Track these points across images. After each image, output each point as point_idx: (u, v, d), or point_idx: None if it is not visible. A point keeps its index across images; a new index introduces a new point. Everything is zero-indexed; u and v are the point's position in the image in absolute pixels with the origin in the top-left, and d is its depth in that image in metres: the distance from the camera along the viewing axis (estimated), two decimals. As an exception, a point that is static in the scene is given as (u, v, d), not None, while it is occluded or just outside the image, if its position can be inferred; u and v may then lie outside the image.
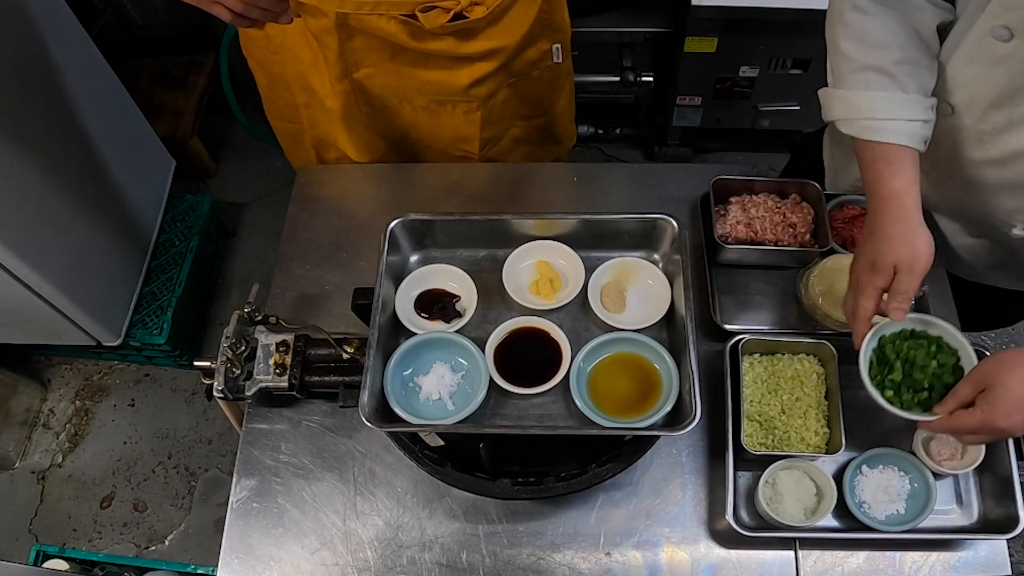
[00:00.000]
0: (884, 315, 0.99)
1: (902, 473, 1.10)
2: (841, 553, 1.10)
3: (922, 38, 1.04)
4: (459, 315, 1.08)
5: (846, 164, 1.38)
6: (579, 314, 1.10)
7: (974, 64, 1.02)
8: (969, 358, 1.00)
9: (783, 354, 1.18)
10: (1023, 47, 0.95)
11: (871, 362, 1.03)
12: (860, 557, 1.10)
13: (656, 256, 1.13)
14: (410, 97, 1.40)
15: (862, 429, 1.13)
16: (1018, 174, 1.08)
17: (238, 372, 1.13)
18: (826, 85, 1.12)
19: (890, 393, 1.01)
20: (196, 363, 1.14)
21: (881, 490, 1.09)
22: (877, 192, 1.01)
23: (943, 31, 1.07)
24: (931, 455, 1.10)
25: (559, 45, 1.43)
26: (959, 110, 1.07)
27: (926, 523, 1.10)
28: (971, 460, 1.09)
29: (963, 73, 1.04)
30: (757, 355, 1.18)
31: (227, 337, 1.11)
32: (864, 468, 1.10)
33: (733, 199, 1.30)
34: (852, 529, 1.06)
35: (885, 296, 1.00)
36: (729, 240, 1.26)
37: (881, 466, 1.10)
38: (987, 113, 1.04)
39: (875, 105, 1.02)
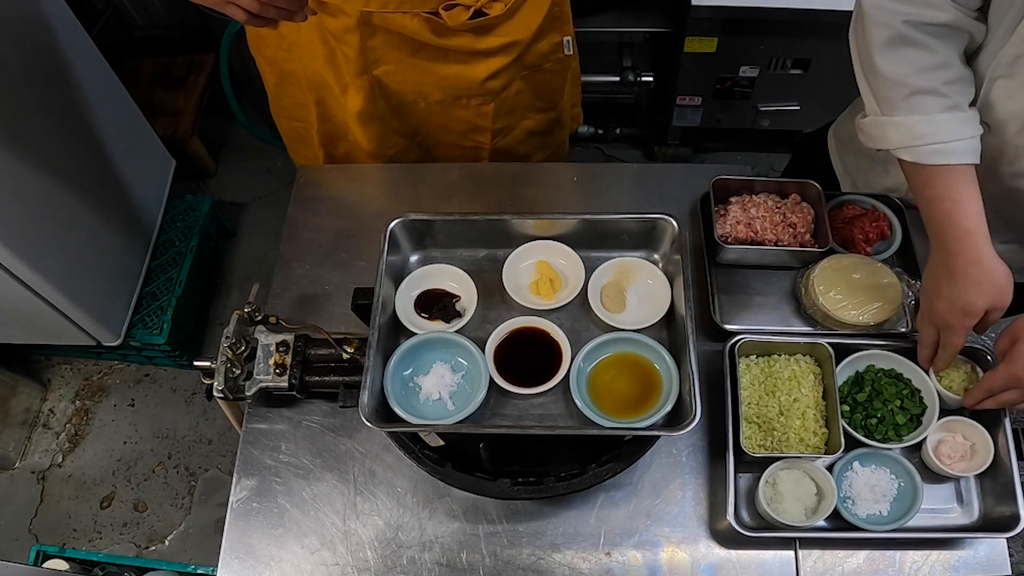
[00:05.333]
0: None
1: (893, 476, 1.10)
2: (841, 553, 1.10)
3: (960, 55, 1.04)
4: (459, 315, 1.08)
5: (865, 174, 1.37)
6: (579, 314, 1.10)
7: (1007, 85, 1.02)
8: (931, 415, 1.12)
9: (780, 355, 1.18)
10: None
11: (847, 379, 1.17)
12: (860, 557, 1.10)
13: (656, 256, 1.13)
14: (426, 92, 1.42)
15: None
16: None
17: (238, 372, 1.13)
18: (857, 117, 1.13)
19: (846, 408, 1.14)
20: (196, 363, 1.14)
21: (868, 489, 1.09)
22: (948, 232, 1.01)
23: (975, 50, 1.07)
24: (941, 458, 1.10)
25: (569, 38, 1.46)
26: (994, 129, 1.07)
27: (927, 522, 1.10)
28: (980, 463, 1.09)
29: (996, 94, 1.04)
30: (754, 357, 1.18)
31: (227, 337, 1.11)
32: (856, 464, 1.10)
33: (733, 199, 1.30)
34: (852, 529, 1.06)
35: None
36: (729, 240, 1.26)
37: (873, 465, 1.10)
38: (1022, 131, 1.04)
39: (938, 128, 1.01)
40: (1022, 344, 0.97)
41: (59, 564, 1.80)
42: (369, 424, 0.94)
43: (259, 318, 1.15)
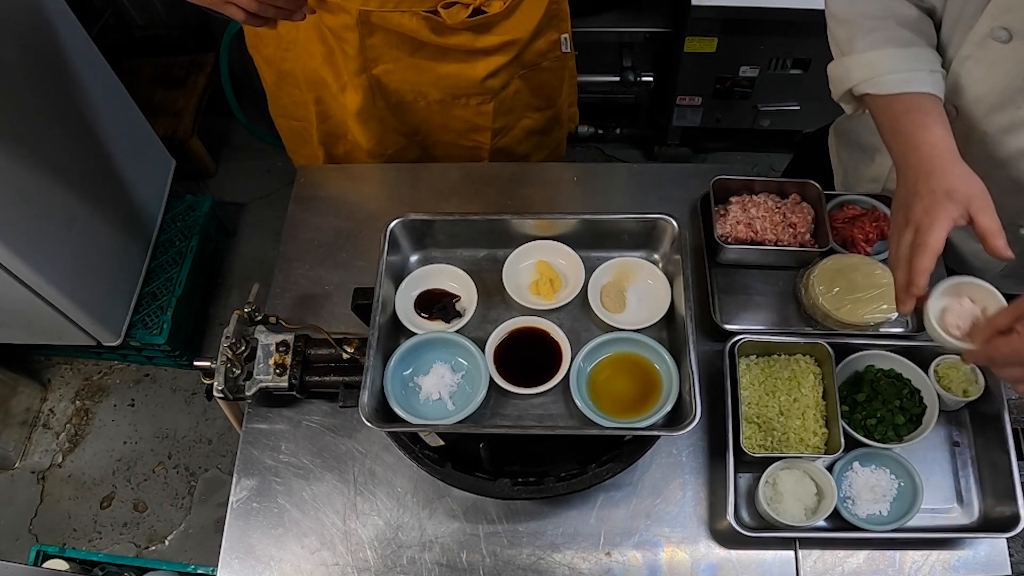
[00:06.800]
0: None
1: (893, 476, 1.10)
2: (841, 553, 1.10)
3: (915, 7, 1.07)
4: (459, 315, 1.08)
5: (855, 165, 1.38)
6: (579, 314, 1.10)
7: (975, 66, 1.03)
8: (931, 415, 1.10)
9: (780, 355, 1.18)
10: (1022, 47, 0.96)
11: (847, 379, 1.16)
12: (860, 557, 1.10)
13: (656, 256, 1.13)
14: (425, 91, 1.42)
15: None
16: (1022, 174, 1.09)
17: (238, 372, 1.13)
18: (830, 89, 1.13)
19: (846, 408, 1.13)
20: (196, 363, 1.14)
21: (868, 489, 1.09)
22: (920, 138, 0.97)
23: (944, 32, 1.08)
24: (949, 329, 0.94)
25: (566, 36, 1.47)
26: (963, 112, 1.07)
27: (927, 522, 1.10)
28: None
29: (965, 75, 1.05)
30: (754, 357, 1.18)
31: (227, 337, 1.11)
32: (856, 464, 1.10)
33: (733, 199, 1.30)
34: (852, 529, 1.06)
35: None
36: (729, 240, 1.26)
37: (873, 465, 1.10)
38: (989, 115, 1.05)
39: (896, 61, 1.02)
40: None
41: (59, 564, 1.80)
42: (369, 424, 0.94)
43: (259, 318, 1.15)
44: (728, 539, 1.11)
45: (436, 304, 1.09)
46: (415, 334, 1.06)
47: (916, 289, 0.89)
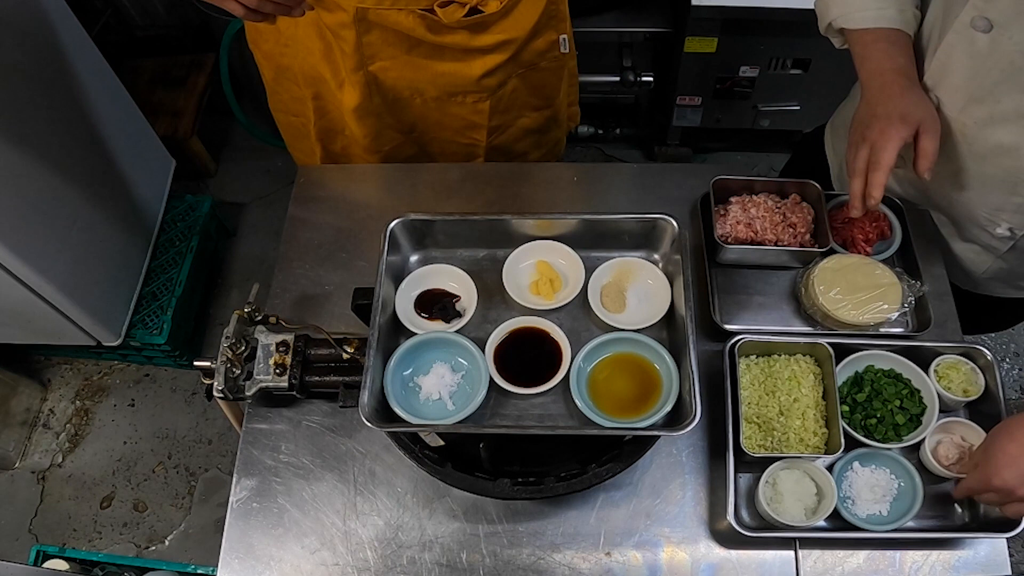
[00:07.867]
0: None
1: (893, 476, 1.10)
2: (841, 553, 1.10)
3: None
4: (459, 315, 1.08)
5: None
6: (579, 314, 1.10)
7: (956, 55, 1.04)
8: (931, 415, 1.11)
9: (780, 355, 1.18)
10: (1002, 38, 0.97)
11: (847, 379, 1.16)
12: (860, 557, 1.10)
13: (656, 256, 1.13)
14: (422, 89, 1.43)
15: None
16: (1000, 169, 1.09)
17: (238, 372, 1.13)
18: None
19: (846, 408, 1.14)
20: (196, 363, 1.14)
21: (868, 489, 1.09)
22: (884, 65, 1.09)
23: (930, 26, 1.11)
24: (940, 460, 1.10)
25: (565, 36, 1.47)
26: (943, 102, 1.09)
27: (927, 522, 1.10)
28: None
29: (946, 64, 1.07)
30: (754, 357, 1.18)
31: (227, 337, 1.11)
32: (856, 464, 1.10)
33: (733, 199, 1.30)
34: (852, 529, 1.06)
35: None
36: (729, 240, 1.26)
37: (873, 465, 1.10)
38: (968, 106, 1.06)
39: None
40: (991, 450, 0.96)
41: (59, 564, 1.80)
42: (369, 424, 0.94)
43: (259, 318, 1.15)
44: (728, 539, 1.11)
45: (436, 304, 1.09)
46: (415, 334, 1.06)
47: (871, 201, 1.05)
